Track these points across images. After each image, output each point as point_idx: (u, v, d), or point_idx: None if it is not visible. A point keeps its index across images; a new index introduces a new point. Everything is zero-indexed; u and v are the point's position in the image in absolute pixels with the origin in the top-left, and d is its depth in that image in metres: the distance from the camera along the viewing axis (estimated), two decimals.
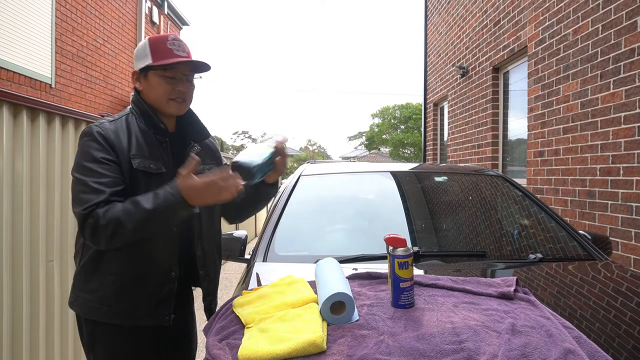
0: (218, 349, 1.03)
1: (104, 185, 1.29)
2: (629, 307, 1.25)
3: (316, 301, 1.17)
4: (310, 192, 2.28)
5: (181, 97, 1.44)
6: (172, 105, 1.44)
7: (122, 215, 1.24)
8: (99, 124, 1.39)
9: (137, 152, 1.37)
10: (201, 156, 1.49)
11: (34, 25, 5.65)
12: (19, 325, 2.05)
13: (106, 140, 1.34)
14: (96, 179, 1.29)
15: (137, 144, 1.39)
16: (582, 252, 1.83)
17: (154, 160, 1.40)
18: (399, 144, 29.53)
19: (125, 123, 1.42)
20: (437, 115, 8.40)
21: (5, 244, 1.98)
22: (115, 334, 1.40)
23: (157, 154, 1.42)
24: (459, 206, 2.26)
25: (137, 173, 1.36)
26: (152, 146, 1.42)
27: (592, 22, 3.51)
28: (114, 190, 1.29)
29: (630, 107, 3.07)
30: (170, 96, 1.42)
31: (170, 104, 1.43)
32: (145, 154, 1.39)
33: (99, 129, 1.36)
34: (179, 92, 1.43)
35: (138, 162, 1.36)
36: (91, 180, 1.29)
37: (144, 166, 1.37)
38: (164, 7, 9.77)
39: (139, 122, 1.43)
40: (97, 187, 1.28)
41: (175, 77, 1.41)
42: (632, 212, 3.05)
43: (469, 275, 1.47)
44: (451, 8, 7.13)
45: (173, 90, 1.42)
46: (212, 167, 1.56)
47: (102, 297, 1.38)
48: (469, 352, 0.92)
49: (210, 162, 1.59)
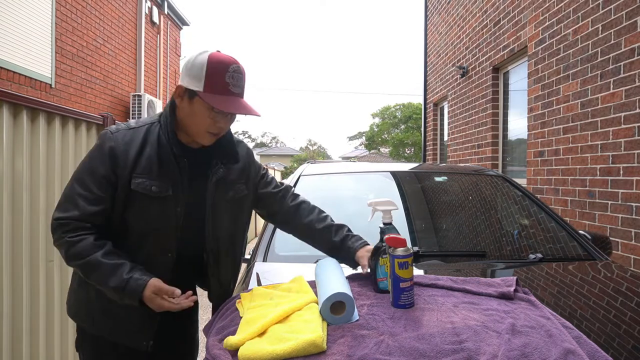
0: (218, 349, 1.03)
1: (85, 200, 1.26)
2: (629, 307, 1.25)
3: (316, 301, 1.17)
4: (310, 192, 2.27)
5: (219, 132, 1.34)
6: (207, 138, 1.33)
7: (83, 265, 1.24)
8: (115, 132, 1.31)
9: (142, 170, 1.28)
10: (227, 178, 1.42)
11: (34, 25, 5.65)
12: (19, 325, 2.05)
13: (113, 153, 1.27)
14: (83, 192, 1.26)
15: (148, 161, 1.29)
16: (582, 252, 1.83)
17: (160, 181, 1.29)
18: (399, 144, 29.52)
19: (143, 134, 1.32)
20: (437, 115, 8.40)
21: (5, 244, 1.98)
22: (100, 344, 1.38)
23: (167, 173, 1.31)
24: (459, 206, 2.26)
25: (134, 194, 1.28)
26: (165, 164, 1.31)
27: (592, 22, 3.51)
28: (92, 211, 1.26)
29: (630, 107, 3.07)
30: (208, 129, 1.31)
31: (206, 136, 1.33)
32: (152, 174, 1.29)
33: (111, 143, 1.29)
34: (218, 128, 1.32)
35: (138, 182, 1.27)
36: (76, 191, 1.27)
37: (143, 188, 1.27)
38: (164, 7, 9.77)
39: (162, 134, 1.33)
40: (77, 200, 1.26)
41: (221, 113, 1.29)
42: (632, 212, 3.05)
43: (469, 275, 1.47)
44: (451, 8, 7.13)
45: (214, 125, 1.30)
46: (241, 187, 1.46)
47: (87, 308, 1.37)
48: (469, 352, 0.92)
49: (238, 182, 1.45)
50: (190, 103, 1.30)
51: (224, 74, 1.26)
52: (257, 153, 50.41)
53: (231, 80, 1.27)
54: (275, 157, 47.32)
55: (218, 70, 1.26)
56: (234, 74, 1.28)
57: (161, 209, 1.31)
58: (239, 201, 1.46)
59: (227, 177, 1.42)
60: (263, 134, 66.40)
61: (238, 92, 1.30)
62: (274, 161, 40.14)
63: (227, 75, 1.26)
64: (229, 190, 1.42)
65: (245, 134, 67.14)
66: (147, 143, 1.31)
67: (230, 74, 1.27)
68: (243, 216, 1.51)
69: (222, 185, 1.40)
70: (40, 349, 2.16)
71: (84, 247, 1.24)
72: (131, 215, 1.30)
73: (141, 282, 1.22)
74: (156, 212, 1.30)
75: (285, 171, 25.17)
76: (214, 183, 1.39)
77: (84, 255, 1.23)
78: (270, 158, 45.75)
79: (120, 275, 1.22)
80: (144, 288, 1.21)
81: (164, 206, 1.31)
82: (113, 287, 1.21)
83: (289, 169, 31.19)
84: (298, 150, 53.09)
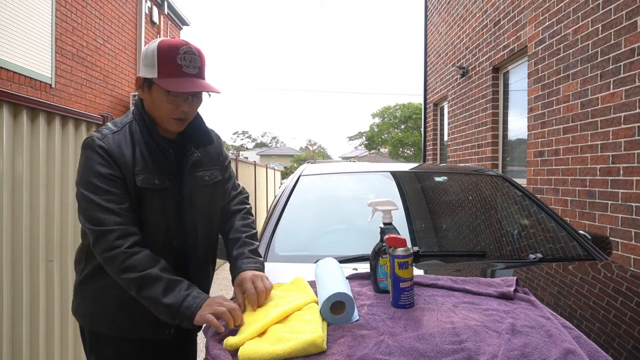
0: (218, 349, 1.03)
1: (112, 203, 1.24)
2: (629, 307, 1.25)
3: (316, 301, 1.17)
4: (310, 192, 2.28)
5: (184, 117, 1.34)
6: (174, 124, 1.34)
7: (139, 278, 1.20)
8: (102, 137, 1.31)
9: (141, 167, 1.30)
10: (202, 162, 1.45)
11: (34, 25, 5.65)
12: (19, 325, 2.05)
13: (110, 155, 1.27)
14: (103, 197, 1.24)
15: (142, 157, 1.32)
16: (582, 252, 1.83)
17: (158, 175, 1.33)
18: (399, 144, 29.52)
19: (129, 133, 1.34)
20: (437, 115, 8.40)
21: (5, 244, 1.98)
22: (117, 345, 1.38)
23: (161, 166, 1.35)
24: (459, 206, 2.26)
25: (142, 190, 1.30)
26: (156, 158, 1.34)
27: (592, 22, 3.51)
28: (122, 208, 1.25)
29: (630, 107, 3.07)
30: (172, 115, 1.32)
31: (171, 123, 1.34)
32: (149, 169, 1.32)
33: (101, 143, 1.28)
34: (181, 112, 1.32)
35: (142, 178, 1.29)
36: (99, 198, 1.24)
37: (147, 183, 1.30)
38: (164, 7, 9.77)
39: (143, 131, 1.35)
40: (106, 205, 1.23)
41: (179, 96, 1.30)
42: (632, 212, 3.05)
43: (469, 275, 1.47)
44: (451, 8, 7.13)
45: (176, 109, 1.31)
46: (215, 172, 1.49)
47: (105, 310, 1.37)
48: (469, 352, 0.92)
49: (212, 167, 1.49)
50: (150, 92, 1.32)
51: (175, 57, 1.27)
52: (257, 153, 50.44)
53: (183, 62, 1.27)
54: (275, 157, 47.33)
55: (168, 54, 1.27)
56: (186, 55, 1.28)
57: (165, 200, 1.34)
58: (213, 186, 1.49)
59: (201, 161, 1.44)
60: (263, 134, 66.38)
61: (193, 73, 1.30)
62: (274, 161, 40.15)
63: (179, 58, 1.27)
64: (205, 175, 1.45)
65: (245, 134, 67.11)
66: (135, 141, 1.34)
67: (181, 56, 1.27)
68: (218, 201, 1.53)
69: (198, 169, 1.43)
70: (40, 349, 2.16)
71: (140, 260, 1.22)
72: (147, 210, 1.32)
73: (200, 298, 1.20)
74: (162, 203, 1.34)
75: (285, 171, 25.16)
76: (189, 167, 1.41)
77: (142, 268, 1.21)
78: (270, 158, 45.75)
79: (180, 291, 1.21)
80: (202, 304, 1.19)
81: (166, 197, 1.34)
82: (168, 303, 1.18)
83: (289, 169, 31.19)
84: (298, 150, 53.11)
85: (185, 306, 1.18)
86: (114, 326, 1.37)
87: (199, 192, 1.43)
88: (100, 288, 1.36)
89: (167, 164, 1.36)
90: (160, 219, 1.34)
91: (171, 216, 1.36)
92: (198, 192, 1.43)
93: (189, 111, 1.34)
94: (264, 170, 12.41)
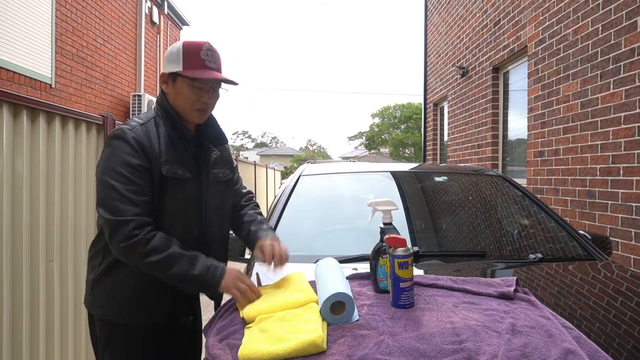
0: (218, 349, 1.03)
1: (134, 194, 1.29)
2: (629, 307, 1.25)
3: (316, 301, 1.17)
4: (310, 192, 2.28)
5: (205, 108, 1.45)
6: (196, 115, 1.44)
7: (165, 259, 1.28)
8: (132, 128, 1.38)
9: (167, 158, 1.38)
10: (218, 161, 1.56)
11: (34, 25, 5.65)
12: (19, 325, 2.05)
13: (140, 145, 1.34)
14: (127, 186, 1.29)
15: (167, 149, 1.40)
16: (582, 252, 1.83)
17: (181, 166, 1.41)
18: (399, 144, 29.53)
19: (154, 126, 1.42)
20: (437, 115, 8.40)
21: (5, 244, 1.98)
22: (133, 335, 1.42)
23: (183, 159, 1.43)
24: (459, 206, 2.26)
25: (166, 179, 1.37)
26: (179, 151, 1.43)
27: (592, 22, 3.51)
28: (142, 200, 1.31)
29: (630, 107, 3.07)
30: (195, 106, 1.42)
31: (194, 113, 1.44)
32: (174, 160, 1.40)
33: (133, 134, 1.35)
34: (203, 103, 1.43)
35: (167, 168, 1.37)
36: (123, 187, 1.29)
37: (172, 173, 1.38)
38: (164, 7, 9.77)
39: (166, 125, 1.44)
40: (128, 195, 1.28)
41: (202, 88, 1.41)
42: (632, 212, 3.05)
43: (469, 275, 1.47)
44: (451, 8, 7.13)
45: (199, 100, 1.42)
46: (226, 171, 1.59)
47: (124, 301, 1.41)
48: (469, 352, 0.92)
49: (224, 167, 1.59)
50: (174, 85, 1.42)
51: (199, 52, 1.40)
52: (257, 153, 50.43)
53: (206, 57, 1.41)
54: (275, 157, 47.33)
55: (193, 50, 1.40)
56: (208, 52, 1.42)
57: (186, 190, 1.42)
58: (227, 183, 1.59)
59: (218, 159, 1.56)
60: (263, 134, 66.43)
61: (214, 67, 1.43)
62: (274, 161, 40.14)
63: (202, 53, 1.40)
64: (219, 172, 1.55)
65: (246, 134, 67.14)
66: (160, 134, 1.42)
67: (204, 52, 1.41)
68: (229, 198, 1.63)
69: (216, 166, 1.55)
70: (40, 349, 2.16)
71: (159, 242, 1.29)
72: (168, 199, 1.38)
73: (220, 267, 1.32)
74: (184, 193, 1.42)
75: (285, 171, 25.16)
76: (211, 164, 1.52)
77: (163, 248, 1.28)
78: (270, 158, 45.75)
79: (203, 262, 1.31)
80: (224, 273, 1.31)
81: (188, 188, 1.43)
82: (197, 274, 1.28)
83: (289, 169, 31.19)
84: (298, 150, 53.11)
85: (210, 274, 1.30)
86: (132, 315, 1.41)
87: (214, 188, 1.53)
88: (120, 279, 1.41)
89: (188, 158, 1.45)
90: (181, 209, 1.42)
91: (189, 207, 1.44)
92: (214, 187, 1.53)
93: (210, 103, 1.46)
94: (264, 170, 12.42)
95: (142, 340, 1.43)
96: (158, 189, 1.36)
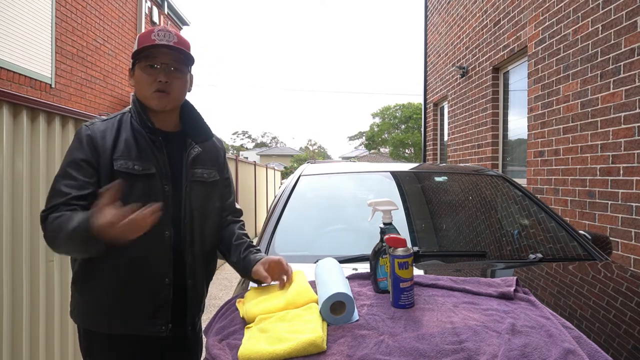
0: (218, 349, 1.03)
1: (70, 188, 1.28)
2: (629, 307, 1.25)
3: (316, 301, 1.17)
4: (310, 192, 2.28)
5: (163, 88, 1.36)
6: (155, 98, 1.37)
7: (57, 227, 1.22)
8: (90, 124, 1.39)
9: (122, 153, 1.34)
10: (201, 159, 1.49)
11: (34, 25, 5.65)
12: (19, 325, 2.05)
13: (91, 141, 1.33)
14: (67, 182, 1.29)
15: (125, 144, 1.36)
16: (582, 252, 1.83)
17: (141, 162, 1.35)
18: (399, 144, 29.53)
19: (117, 123, 1.40)
20: (437, 115, 8.40)
21: (5, 244, 1.98)
22: (113, 344, 1.37)
23: (147, 154, 1.37)
24: (459, 206, 2.26)
25: (119, 174, 1.31)
26: (143, 146, 1.38)
27: (592, 22, 3.51)
28: (79, 195, 1.28)
29: (630, 107, 3.07)
30: (152, 88, 1.35)
31: (153, 97, 1.36)
32: (131, 155, 1.35)
33: (88, 131, 1.36)
34: (159, 83, 1.35)
35: (120, 163, 1.33)
36: (62, 183, 1.30)
37: (126, 167, 1.33)
38: (164, 7, 9.78)
39: (134, 120, 1.40)
40: (64, 189, 1.28)
41: (154, 64, 1.35)
42: (632, 212, 3.05)
43: (469, 275, 1.47)
44: (451, 8, 7.13)
45: (154, 81, 1.35)
46: (212, 172, 1.52)
47: (98, 306, 1.36)
48: (469, 352, 0.92)
49: (210, 167, 1.52)
50: (134, 75, 1.41)
51: (150, 35, 1.36)
52: (257, 153, 50.44)
53: (157, 37, 1.35)
54: (275, 157, 47.33)
55: (145, 35, 1.37)
56: (160, 32, 1.36)
57: (148, 186, 1.36)
58: (211, 184, 1.52)
59: (201, 158, 1.49)
60: (263, 134, 66.40)
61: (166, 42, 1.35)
62: (274, 161, 40.14)
63: (153, 34, 1.36)
64: (203, 172, 1.49)
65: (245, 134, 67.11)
66: (122, 129, 1.39)
67: (155, 33, 1.36)
68: (214, 200, 1.54)
69: (197, 165, 1.48)
70: (40, 349, 2.16)
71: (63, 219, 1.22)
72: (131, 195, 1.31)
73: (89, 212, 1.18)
74: (143, 190, 1.35)
75: (285, 171, 25.15)
76: (190, 161, 1.45)
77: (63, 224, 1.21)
78: (270, 158, 45.75)
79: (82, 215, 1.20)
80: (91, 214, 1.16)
81: (150, 184, 1.36)
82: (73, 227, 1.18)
83: (289, 169, 31.18)
84: (298, 150, 53.10)
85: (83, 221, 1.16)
86: (106, 322, 1.36)
87: (195, 187, 1.46)
88: (92, 284, 1.36)
89: (154, 153, 1.39)
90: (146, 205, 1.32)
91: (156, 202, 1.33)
92: (195, 187, 1.46)
93: (168, 82, 1.37)
94: (264, 170, 12.42)
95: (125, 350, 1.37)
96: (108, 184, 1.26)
